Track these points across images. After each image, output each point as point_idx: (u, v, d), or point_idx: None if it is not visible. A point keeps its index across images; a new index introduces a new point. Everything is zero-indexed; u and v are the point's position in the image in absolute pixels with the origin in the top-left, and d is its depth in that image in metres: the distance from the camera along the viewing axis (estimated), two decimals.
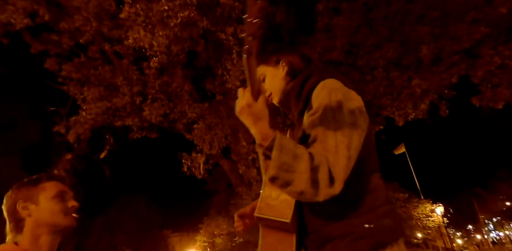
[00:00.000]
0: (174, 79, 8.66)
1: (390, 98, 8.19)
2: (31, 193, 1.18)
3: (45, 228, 1.15)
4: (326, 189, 0.95)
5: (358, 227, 1.04)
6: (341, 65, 8.53)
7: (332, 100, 1.07)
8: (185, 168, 9.26)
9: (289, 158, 0.96)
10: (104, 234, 33.42)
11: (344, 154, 0.98)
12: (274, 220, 1.08)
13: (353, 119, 1.04)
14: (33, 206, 1.16)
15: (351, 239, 1.04)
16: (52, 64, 9.02)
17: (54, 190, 1.20)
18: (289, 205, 1.08)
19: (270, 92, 1.32)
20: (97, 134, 9.90)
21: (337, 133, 1.01)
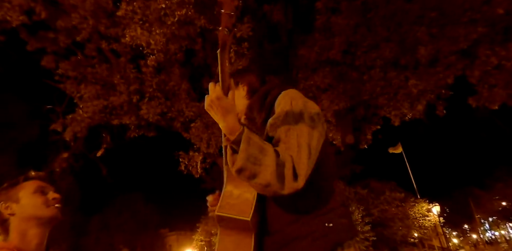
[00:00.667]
0: (171, 78, 8.64)
1: (387, 98, 8.21)
2: (11, 193, 1.20)
3: (31, 222, 1.17)
4: (291, 183, 1.00)
5: (319, 227, 1.09)
6: (339, 65, 8.55)
7: (293, 106, 1.14)
8: (182, 167, 9.24)
9: (256, 150, 1.01)
10: (102, 233, 33.35)
11: (306, 153, 1.04)
12: (234, 219, 1.10)
13: (312, 123, 1.12)
14: (14, 205, 1.18)
15: (312, 238, 1.08)
16: (49, 62, 8.95)
17: (33, 186, 1.23)
18: (250, 204, 1.11)
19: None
20: (94, 132, 9.87)
21: (299, 134, 1.08)
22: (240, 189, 1.16)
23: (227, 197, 1.15)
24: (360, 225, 22.82)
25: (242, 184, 1.14)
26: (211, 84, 1.08)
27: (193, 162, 9.13)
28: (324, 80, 8.23)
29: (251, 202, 1.12)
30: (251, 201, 1.12)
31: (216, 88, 1.06)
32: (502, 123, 12.65)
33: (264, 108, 1.27)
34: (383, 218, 26.77)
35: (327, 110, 8.29)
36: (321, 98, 8.42)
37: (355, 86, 8.29)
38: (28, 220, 1.17)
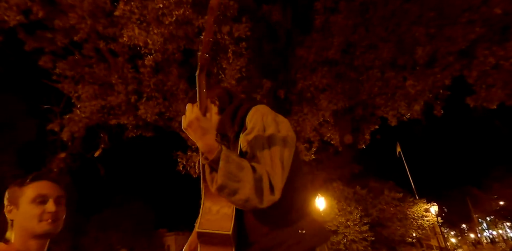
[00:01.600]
0: (169, 78, 8.62)
1: (385, 98, 8.22)
2: (15, 195, 1.17)
3: (26, 233, 1.14)
4: (269, 196, 1.05)
5: (292, 235, 1.15)
6: (337, 65, 8.55)
7: (264, 122, 1.20)
8: (180, 167, 9.22)
9: (235, 168, 1.05)
10: (100, 233, 33.29)
11: (279, 166, 1.10)
12: (215, 234, 1.13)
13: (283, 137, 1.17)
14: (15, 210, 1.16)
15: (286, 246, 1.13)
16: (47, 62, 8.92)
17: (33, 193, 1.17)
18: (230, 218, 1.15)
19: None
20: (92, 132, 9.82)
21: (271, 148, 1.13)
22: (218, 204, 1.20)
23: (206, 214, 1.18)
24: (359, 225, 22.86)
25: (220, 199, 1.17)
26: (189, 105, 1.11)
27: (191, 162, 9.10)
28: (322, 80, 8.23)
29: (230, 216, 1.16)
30: (230, 216, 1.16)
31: (195, 109, 1.10)
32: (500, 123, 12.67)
33: (235, 123, 1.30)
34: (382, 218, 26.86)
35: (326, 110, 8.29)
36: (319, 98, 8.42)
37: (353, 87, 8.30)
38: (23, 230, 1.15)
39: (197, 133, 1.09)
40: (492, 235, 57.61)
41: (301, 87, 8.58)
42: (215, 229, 1.14)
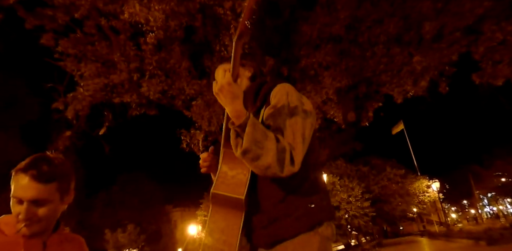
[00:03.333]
0: (171, 56, 8.54)
1: (390, 75, 8.13)
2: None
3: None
4: (289, 167, 1.10)
5: (302, 207, 1.20)
6: (342, 42, 8.41)
7: (289, 99, 1.24)
8: (184, 145, 9.34)
9: (260, 135, 1.09)
10: (107, 210, 34.22)
11: (300, 140, 1.15)
12: (229, 197, 1.18)
13: (305, 115, 1.22)
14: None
15: (295, 217, 1.18)
16: (48, 40, 8.84)
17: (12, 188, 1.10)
18: (243, 184, 1.19)
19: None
20: (96, 110, 9.88)
21: (294, 124, 1.18)
22: (234, 170, 1.24)
23: (221, 177, 1.22)
24: (361, 201, 23.26)
25: (237, 166, 1.23)
26: (221, 70, 1.16)
27: (194, 139, 9.21)
28: (326, 57, 8.12)
29: (245, 183, 1.20)
30: (244, 182, 1.20)
31: (227, 75, 1.12)
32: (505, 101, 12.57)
33: (258, 99, 1.34)
34: (383, 194, 27.36)
35: (329, 88, 8.24)
36: (323, 75, 8.34)
37: (357, 63, 8.19)
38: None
39: (227, 98, 1.12)
40: (493, 211, 58.59)
41: (304, 64, 8.49)
42: (229, 193, 1.18)
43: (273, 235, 1.19)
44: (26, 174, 1.07)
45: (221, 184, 1.21)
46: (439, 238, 22.40)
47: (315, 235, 1.18)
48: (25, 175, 1.07)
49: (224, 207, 1.22)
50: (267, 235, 1.20)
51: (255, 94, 1.36)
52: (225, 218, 1.22)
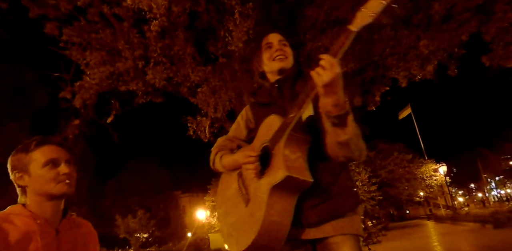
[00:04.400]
0: (175, 42, 8.47)
1: (397, 58, 7.99)
2: (23, 162, 1.19)
3: (43, 197, 1.19)
4: (364, 153, 1.30)
5: (348, 190, 1.40)
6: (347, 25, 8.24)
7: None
8: (191, 132, 9.38)
9: (356, 125, 1.22)
10: (117, 196, 34.92)
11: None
12: (300, 180, 1.24)
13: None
14: (26, 176, 1.19)
15: (345, 196, 1.37)
16: (52, 29, 8.82)
17: (42, 158, 1.19)
18: (306, 168, 1.28)
19: (286, 56, 1.55)
20: (103, 99, 9.95)
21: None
22: (294, 154, 1.29)
23: (286, 161, 1.25)
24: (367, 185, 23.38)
25: (296, 149, 1.29)
26: (331, 59, 1.14)
27: (201, 126, 9.24)
28: (332, 41, 7.99)
29: (305, 167, 1.28)
30: (305, 166, 1.28)
31: (337, 66, 1.13)
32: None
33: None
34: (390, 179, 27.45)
35: None
36: None
37: (364, 47, 8.05)
38: (39, 194, 1.18)
39: (336, 87, 1.13)
40: (500, 194, 58.50)
41: (309, 49, 8.36)
42: (299, 176, 1.23)
43: (326, 213, 1.32)
44: (50, 143, 1.23)
45: (290, 168, 1.23)
46: (445, 221, 22.61)
47: (356, 213, 1.39)
48: (49, 144, 1.23)
49: (286, 189, 1.26)
50: (318, 213, 1.32)
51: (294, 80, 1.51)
52: (284, 200, 1.26)
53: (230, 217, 1.45)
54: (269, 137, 1.34)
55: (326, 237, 1.32)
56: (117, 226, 30.50)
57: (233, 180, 1.49)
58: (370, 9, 1.11)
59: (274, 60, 1.54)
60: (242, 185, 1.41)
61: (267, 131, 1.38)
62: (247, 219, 1.31)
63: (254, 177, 1.33)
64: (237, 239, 1.34)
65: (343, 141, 1.21)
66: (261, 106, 1.56)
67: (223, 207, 1.55)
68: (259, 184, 1.31)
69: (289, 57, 1.55)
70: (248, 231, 1.27)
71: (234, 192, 1.45)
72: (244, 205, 1.37)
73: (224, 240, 1.47)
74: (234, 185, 1.47)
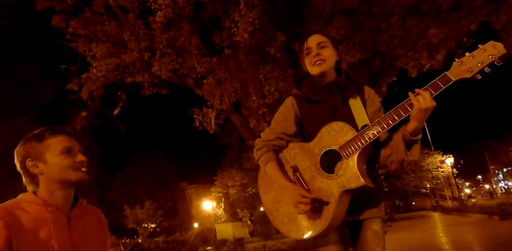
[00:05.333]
0: (181, 33, 8.45)
1: (405, 48, 7.88)
2: (38, 150, 1.20)
3: (57, 184, 1.20)
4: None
5: (382, 186, 1.81)
6: (355, 14, 8.13)
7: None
8: (196, 123, 9.42)
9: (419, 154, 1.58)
10: (125, 187, 35.34)
11: None
12: (367, 186, 1.48)
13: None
14: (41, 164, 1.20)
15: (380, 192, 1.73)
16: (59, 21, 8.85)
17: (59, 146, 1.21)
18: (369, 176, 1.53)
19: (324, 59, 1.67)
20: (110, 91, 10.00)
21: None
22: (364, 164, 1.54)
23: (361, 170, 1.48)
24: None
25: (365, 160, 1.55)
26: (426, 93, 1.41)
27: (207, 118, 9.26)
28: (339, 31, 7.88)
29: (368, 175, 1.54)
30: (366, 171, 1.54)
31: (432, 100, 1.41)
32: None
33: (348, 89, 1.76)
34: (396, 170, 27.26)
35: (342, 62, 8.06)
36: None
37: (371, 37, 7.94)
38: (55, 181, 1.19)
39: (426, 116, 1.41)
40: (508, 185, 58.14)
41: None
42: (369, 184, 1.49)
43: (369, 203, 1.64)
44: (64, 132, 1.26)
45: (364, 177, 1.47)
46: (451, 212, 22.58)
47: (383, 202, 1.73)
48: (63, 134, 1.25)
49: (353, 192, 1.52)
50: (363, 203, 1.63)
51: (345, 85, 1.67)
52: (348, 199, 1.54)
53: (287, 206, 1.61)
54: (338, 143, 1.51)
55: (364, 219, 1.65)
56: (125, 216, 30.94)
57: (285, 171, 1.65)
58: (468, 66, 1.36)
59: (313, 65, 1.67)
60: (302, 180, 1.57)
61: (332, 136, 1.53)
62: (314, 212, 1.51)
63: (318, 176, 1.55)
64: (301, 229, 1.55)
65: (408, 160, 1.53)
66: (309, 102, 1.68)
67: (272, 193, 1.68)
68: (327, 184, 1.51)
69: (328, 60, 1.68)
70: (314, 223, 1.51)
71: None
72: None
73: (278, 226, 1.64)
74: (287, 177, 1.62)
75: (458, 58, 1.42)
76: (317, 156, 1.55)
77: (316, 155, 1.55)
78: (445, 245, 7.67)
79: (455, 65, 1.39)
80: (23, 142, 1.22)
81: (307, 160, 1.58)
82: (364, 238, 1.62)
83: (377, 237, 1.61)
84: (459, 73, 1.37)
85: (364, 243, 1.61)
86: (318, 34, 1.72)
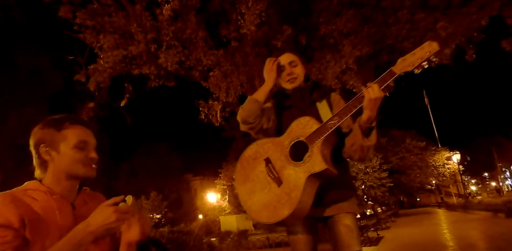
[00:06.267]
0: (188, 25, 8.42)
1: (413, 42, 7.77)
2: (54, 138, 1.19)
3: (65, 175, 1.20)
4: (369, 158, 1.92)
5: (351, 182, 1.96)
6: (363, 7, 8.03)
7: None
8: (202, 116, 9.45)
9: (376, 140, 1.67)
10: (131, 178, 35.72)
11: None
12: (330, 171, 1.61)
13: None
14: (54, 153, 1.19)
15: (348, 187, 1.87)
16: (66, 12, 8.85)
17: (75, 139, 1.20)
18: (333, 163, 1.67)
19: (296, 77, 1.91)
20: (117, 82, 10.04)
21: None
22: (325, 151, 1.68)
23: (324, 156, 1.63)
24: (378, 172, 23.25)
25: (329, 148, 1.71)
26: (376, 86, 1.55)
27: (212, 110, 9.28)
28: (347, 24, 7.81)
29: (332, 162, 1.68)
30: (331, 159, 1.69)
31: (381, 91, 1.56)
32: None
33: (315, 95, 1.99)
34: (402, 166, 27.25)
35: (349, 57, 7.99)
36: (342, 44, 8.07)
37: (379, 30, 7.85)
38: (62, 172, 1.19)
39: (376, 105, 1.57)
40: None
41: (323, 32, 8.20)
42: (333, 169, 1.62)
43: (336, 196, 1.76)
44: (83, 124, 1.24)
45: (327, 162, 1.60)
46: (457, 209, 22.49)
47: (354, 199, 1.85)
48: (82, 125, 1.24)
49: (318, 177, 1.65)
50: (330, 196, 1.75)
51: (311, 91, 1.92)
52: (313, 185, 1.66)
53: (259, 195, 1.73)
54: (305, 134, 1.67)
55: (334, 214, 1.77)
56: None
57: (257, 163, 1.78)
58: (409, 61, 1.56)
59: (287, 82, 1.91)
60: (273, 170, 1.71)
61: (300, 129, 1.70)
62: (282, 197, 1.64)
63: (287, 164, 1.68)
64: (270, 214, 1.66)
65: (366, 145, 1.64)
66: (282, 109, 1.93)
67: (248, 185, 1.80)
68: (295, 171, 1.65)
69: (299, 77, 1.91)
70: (282, 207, 1.62)
71: (261, 174, 1.75)
72: (276, 186, 1.68)
73: (251, 213, 1.75)
74: (260, 168, 1.76)
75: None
76: (286, 147, 1.71)
77: (286, 146, 1.71)
78: (449, 242, 7.66)
79: (399, 61, 1.57)
80: (41, 125, 1.21)
81: (278, 152, 1.73)
82: (337, 233, 1.74)
83: (350, 230, 1.73)
84: (402, 68, 1.56)
85: (339, 238, 1.73)
86: (289, 53, 1.95)
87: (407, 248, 7.44)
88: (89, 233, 1.03)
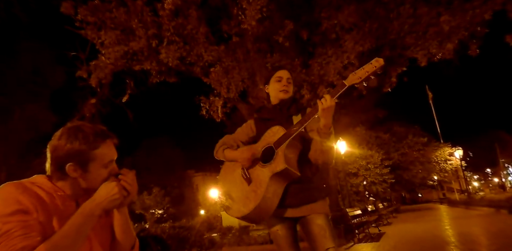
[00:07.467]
0: (189, 21, 8.39)
1: (415, 37, 7.71)
2: (84, 158, 1.15)
3: (84, 188, 1.20)
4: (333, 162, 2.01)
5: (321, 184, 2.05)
6: (365, 2, 7.97)
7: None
8: (203, 112, 9.44)
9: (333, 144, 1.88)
10: None
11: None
12: (292, 172, 1.82)
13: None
14: (80, 172, 1.16)
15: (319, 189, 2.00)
16: (68, 8, 8.83)
17: (105, 159, 1.19)
18: (296, 165, 1.89)
19: (289, 92, 2.14)
20: (118, 78, 10.05)
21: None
22: (291, 154, 1.90)
23: (286, 158, 1.84)
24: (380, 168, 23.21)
25: (291, 151, 1.90)
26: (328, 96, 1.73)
27: (213, 106, 9.28)
28: (348, 19, 7.76)
29: (296, 165, 1.90)
30: (296, 164, 1.90)
31: (333, 100, 1.73)
32: None
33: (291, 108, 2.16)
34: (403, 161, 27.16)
35: (351, 52, 7.95)
36: (344, 39, 8.03)
37: (381, 25, 7.79)
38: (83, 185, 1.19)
39: (330, 113, 1.74)
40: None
41: (325, 27, 8.15)
42: (293, 169, 1.83)
43: (304, 199, 1.91)
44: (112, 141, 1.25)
45: (288, 163, 1.81)
46: (458, 205, 22.46)
47: (325, 200, 2.00)
48: (111, 143, 1.25)
49: (281, 177, 1.85)
50: (298, 199, 1.91)
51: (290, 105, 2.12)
52: (278, 185, 1.87)
53: (233, 193, 1.99)
54: (274, 141, 1.91)
55: (304, 215, 1.93)
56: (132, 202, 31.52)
57: (236, 167, 2.04)
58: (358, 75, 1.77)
59: (281, 91, 2.12)
60: (246, 171, 1.96)
61: (271, 137, 1.95)
62: (249, 194, 1.88)
63: (257, 166, 1.92)
64: (239, 208, 1.90)
65: (324, 149, 1.84)
66: (263, 121, 2.16)
67: (227, 185, 2.08)
68: (262, 171, 1.89)
69: (289, 93, 2.15)
70: (249, 202, 1.86)
71: (238, 175, 2.00)
72: (246, 184, 1.93)
73: (226, 209, 1.99)
74: (238, 170, 2.02)
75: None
76: (259, 152, 1.96)
77: (259, 151, 1.97)
78: (451, 238, 7.65)
79: (350, 75, 1.78)
80: (69, 137, 1.15)
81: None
82: (311, 232, 1.90)
83: (323, 229, 1.88)
84: (352, 80, 1.77)
85: (312, 237, 1.89)
86: (286, 70, 2.19)
87: (409, 244, 7.44)
88: (96, 205, 1.12)
